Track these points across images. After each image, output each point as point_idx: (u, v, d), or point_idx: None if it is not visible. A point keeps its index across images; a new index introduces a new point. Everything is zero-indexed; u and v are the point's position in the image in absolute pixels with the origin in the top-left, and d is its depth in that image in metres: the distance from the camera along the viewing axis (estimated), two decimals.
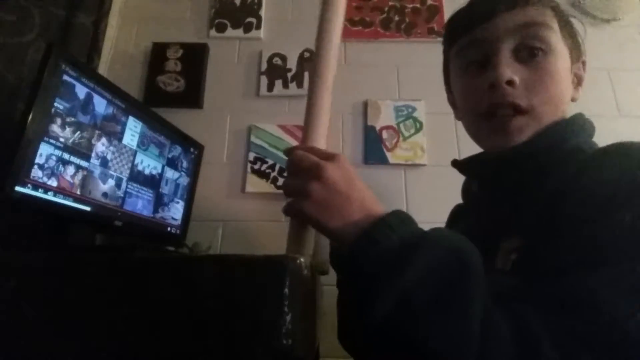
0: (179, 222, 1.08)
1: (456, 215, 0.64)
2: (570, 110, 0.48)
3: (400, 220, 0.34)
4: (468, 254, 0.31)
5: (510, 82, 0.43)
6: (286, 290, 0.46)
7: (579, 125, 0.46)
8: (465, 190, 0.59)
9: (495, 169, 0.48)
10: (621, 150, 0.38)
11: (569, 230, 0.34)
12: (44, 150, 0.67)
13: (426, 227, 0.35)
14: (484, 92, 0.45)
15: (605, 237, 0.32)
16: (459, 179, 0.59)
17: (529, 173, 0.44)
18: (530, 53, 0.44)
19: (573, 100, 0.49)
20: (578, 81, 0.50)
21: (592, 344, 0.27)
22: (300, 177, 0.36)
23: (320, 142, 0.41)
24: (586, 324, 0.27)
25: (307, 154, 0.38)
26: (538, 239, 0.37)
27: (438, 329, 0.28)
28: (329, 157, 0.37)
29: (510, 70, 0.43)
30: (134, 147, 0.90)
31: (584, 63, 0.51)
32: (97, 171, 0.79)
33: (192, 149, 1.15)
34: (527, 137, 0.44)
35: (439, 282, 0.29)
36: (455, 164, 0.54)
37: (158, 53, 1.33)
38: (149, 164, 0.96)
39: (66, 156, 0.72)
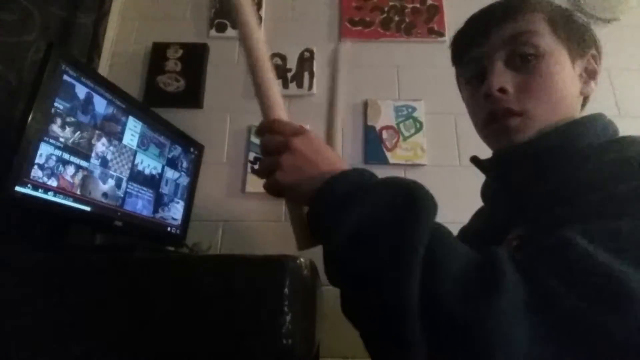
0: (179, 222, 1.08)
1: (478, 214, 0.65)
2: (589, 108, 0.49)
3: (359, 172, 0.38)
4: (416, 193, 0.33)
5: (502, 90, 0.46)
6: (286, 290, 0.46)
7: (590, 127, 0.45)
8: (484, 187, 0.61)
9: (501, 166, 0.50)
10: (617, 144, 0.40)
11: (567, 213, 0.35)
12: (44, 150, 0.67)
13: None
14: (482, 103, 0.48)
15: (595, 205, 0.33)
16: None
17: (533, 171, 0.45)
18: (523, 59, 0.46)
19: (584, 94, 0.50)
20: (589, 75, 0.50)
21: (558, 272, 0.27)
22: (271, 155, 0.40)
23: (280, 112, 0.43)
24: (555, 256, 0.28)
25: (274, 135, 0.40)
26: (538, 227, 0.38)
27: (377, 260, 0.30)
28: (296, 132, 0.40)
29: (502, 78, 0.46)
30: (134, 147, 0.90)
31: (594, 56, 0.50)
32: (97, 171, 0.79)
33: (192, 149, 1.15)
34: (527, 136, 0.45)
35: (382, 220, 0.32)
36: (475, 160, 0.56)
37: (158, 53, 1.33)
38: (149, 164, 0.96)
39: (66, 156, 0.72)
